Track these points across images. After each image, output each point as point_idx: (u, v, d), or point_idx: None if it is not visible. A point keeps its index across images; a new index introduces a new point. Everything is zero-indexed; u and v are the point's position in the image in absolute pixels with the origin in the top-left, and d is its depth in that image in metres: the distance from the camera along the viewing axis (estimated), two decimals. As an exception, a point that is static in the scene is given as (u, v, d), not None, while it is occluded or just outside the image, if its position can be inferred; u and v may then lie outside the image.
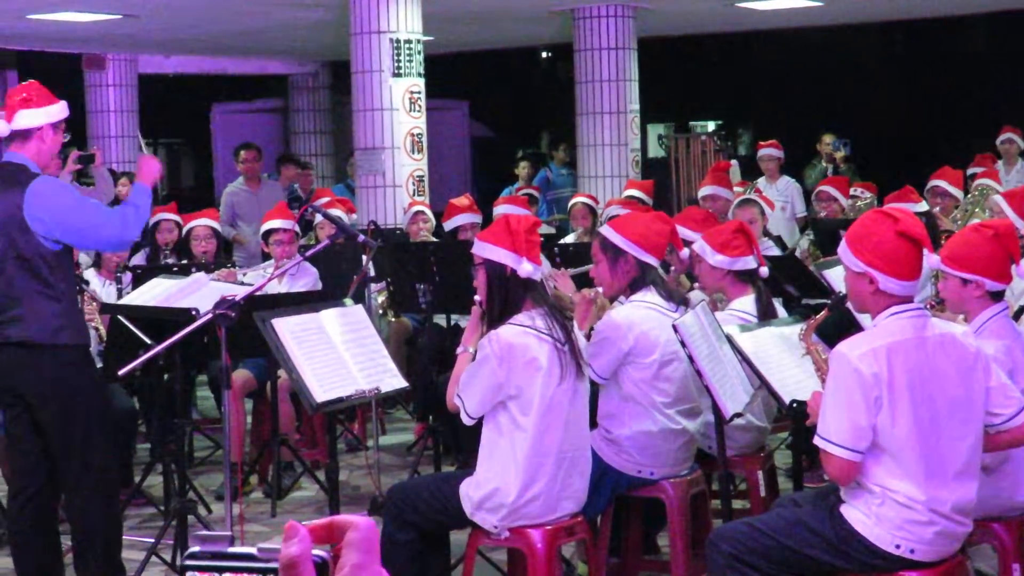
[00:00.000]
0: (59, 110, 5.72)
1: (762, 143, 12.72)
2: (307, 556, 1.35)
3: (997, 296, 4.91)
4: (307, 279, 8.22)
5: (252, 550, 1.38)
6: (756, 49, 21.95)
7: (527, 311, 4.97)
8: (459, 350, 5.28)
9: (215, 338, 5.59)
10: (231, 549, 1.39)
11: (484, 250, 5.03)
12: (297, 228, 8.53)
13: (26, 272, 5.53)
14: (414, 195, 11.30)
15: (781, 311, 6.25)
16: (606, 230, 5.67)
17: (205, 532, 1.41)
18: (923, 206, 8.20)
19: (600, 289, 5.72)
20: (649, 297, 5.54)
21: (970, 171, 10.38)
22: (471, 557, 5.17)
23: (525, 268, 4.95)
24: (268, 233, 8.37)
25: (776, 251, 8.36)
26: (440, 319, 8.35)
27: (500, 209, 8.99)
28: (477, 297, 5.13)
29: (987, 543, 4.98)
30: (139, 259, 9.40)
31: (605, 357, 5.44)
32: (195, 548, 1.39)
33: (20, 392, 5.62)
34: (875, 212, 4.44)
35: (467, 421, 5.03)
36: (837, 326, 5.23)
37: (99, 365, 7.40)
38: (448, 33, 15.05)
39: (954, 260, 4.87)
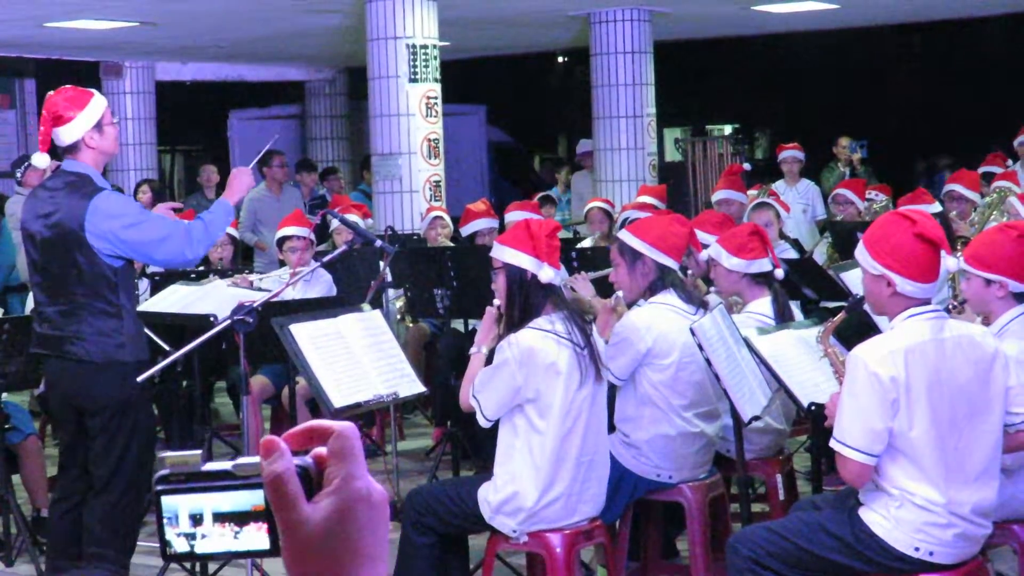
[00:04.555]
0: (94, 112, 5.64)
1: (784, 145, 12.70)
2: (292, 471, 1.32)
3: (1021, 297, 4.90)
4: (321, 286, 8.20)
5: (228, 466, 1.34)
6: (772, 52, 21.93)
7: (547, 315, 4.97)
8: (472, 350, 5.29)
9: (233, 344, 5.60)
10: (205, 468, 1.35)
11: (504, 254, 5.03)
12: (312, 236, 8.52)
13: (87, 289, 5.52)
14: (431, 200, 11.31)
15: (798, 314, 6.24)
16: (624, 234, 5.67)
17: (171, 453, 1.36)
18: (936, 207, 8.17)
19: (620, 294, 5.72)
20: (668, 299, 5.54)
21: (983, 170, 10.33)
22: (490, 561, 5.17)
23: (546, 273, 4.95)
24: (283, 240, 8.36)
25: (793, 254, 8.34)
26: (458, 324, 8.35)
27: (512, 215, 8.96)
28: (496, 301, 5.13)
29: (1007, 545, 4.96)
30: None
31: (624, 358, 5.43)
32: (165, 471, 1.34)
33: (79, 406, 5.66)
34: (892, 214, 4.43)
35: (483, 423, 5.04)
36: (855, 328, 5.23)
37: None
38: (464, 38, 15.06)
39: (978, 260, 4.86)
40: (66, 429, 5.82)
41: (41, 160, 5.61)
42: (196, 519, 1.35)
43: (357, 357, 5.53)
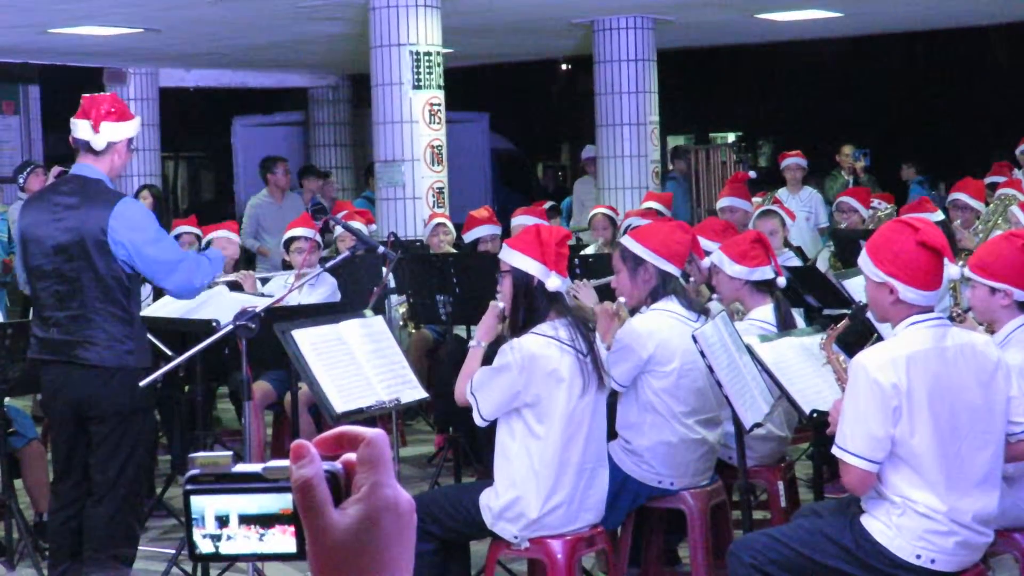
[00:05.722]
0: (136, 127, 5.78)
1: (787, 152, 12.71)
2: (320, 477, 1.32)
3: (1025, 306, 4.89)
4: (325, 288, 8.20)
5: (258, 468, 1.34)
6: (776, 60, 21.94)
7: (550, 321, 4.97)
8: (472, 344, 5.29)
9: (235, 350, 5.59)
10: (235, 469, 1.34)
11: (512, 258, 5.02)
12: (319, 238, 8.54)
13: (102, 294, 5.54)
14: (434, 207, 11.31)
15: (800, 321, 6.24)
16: (626, 240, 5.68)
17: (202, 454, 1.35)
18: (939, 215, 8.18)
19: (622, 300, 5.71)
20: (670, 306, 5.54)
21: (988, 180, 10.33)
22: (491, 567, 5.17)
23: (553, 282, 4.94)
24: (289, 241, 8.40)
25: (796, 261, 8.33)
26: (460, 330, 8.35)
27: (519, 220, 8.97)
28: (500, 303, 5.11)
29: (1009, 553, 4.96)
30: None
31: (625, 365, 5.43)
32: (195, 471, 1.34)
33: (83, 411, 5.66)
34: (895, 222, 4.43)
35: (479, 422, 5.05)
36: (858, 336, 5.22)
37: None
38: (468, 45, 15.07)
39: (983, 269, 4.86)
40: (65, 435, 5.79)
41: (95, 139, 5.64)
42: (222, 520, 1.34)
43: (359, 363, 5.53)
